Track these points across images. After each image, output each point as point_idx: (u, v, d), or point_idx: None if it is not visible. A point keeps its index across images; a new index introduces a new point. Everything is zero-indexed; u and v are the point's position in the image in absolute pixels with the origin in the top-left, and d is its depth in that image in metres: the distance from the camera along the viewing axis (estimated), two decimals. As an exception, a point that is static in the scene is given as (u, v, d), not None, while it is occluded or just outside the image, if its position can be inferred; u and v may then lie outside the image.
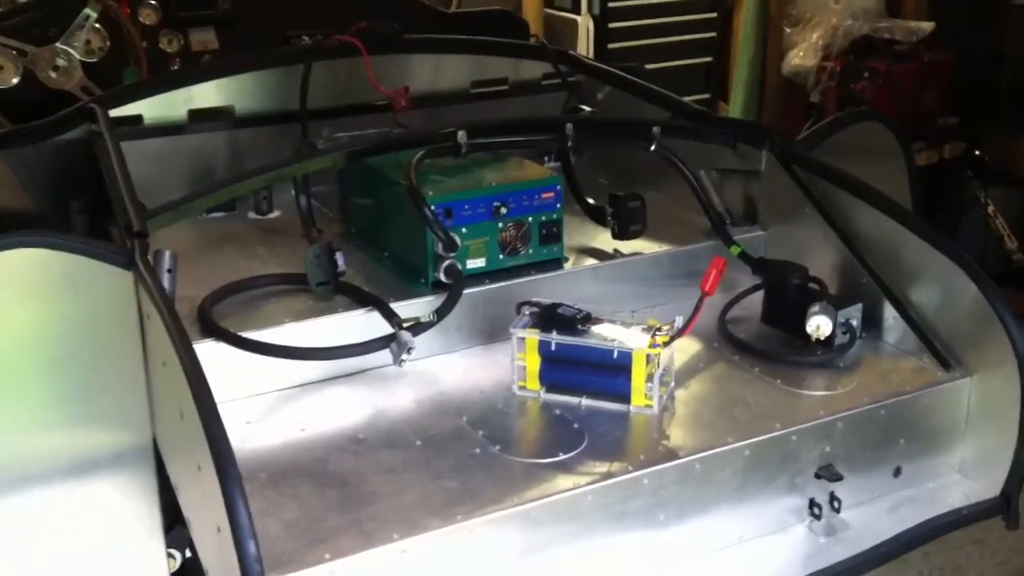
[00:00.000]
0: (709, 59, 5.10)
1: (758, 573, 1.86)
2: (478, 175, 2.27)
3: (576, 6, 4.86)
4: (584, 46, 4.83)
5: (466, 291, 2.10)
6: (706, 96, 5.00)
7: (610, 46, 4.85)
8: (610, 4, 4.83)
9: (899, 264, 2.18)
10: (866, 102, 4.37)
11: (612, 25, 4.86)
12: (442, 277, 2.12)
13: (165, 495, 1.82)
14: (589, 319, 1.98)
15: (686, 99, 2.75)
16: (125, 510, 1.82)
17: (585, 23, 4.85)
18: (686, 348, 2.15)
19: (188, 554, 1.87)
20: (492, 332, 2.15)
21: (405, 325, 1.99)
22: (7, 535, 1.75)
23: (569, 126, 2.31)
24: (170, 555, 1.87)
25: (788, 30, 4.81)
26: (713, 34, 5.09)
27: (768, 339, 2.19)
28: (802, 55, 4.64)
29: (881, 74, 4.45)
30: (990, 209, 4.50)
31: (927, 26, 4.57)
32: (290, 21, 3.39)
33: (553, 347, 1.96)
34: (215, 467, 1.42)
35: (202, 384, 1.49)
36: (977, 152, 4.64)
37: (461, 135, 2.19)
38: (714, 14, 5.08)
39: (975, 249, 4.38)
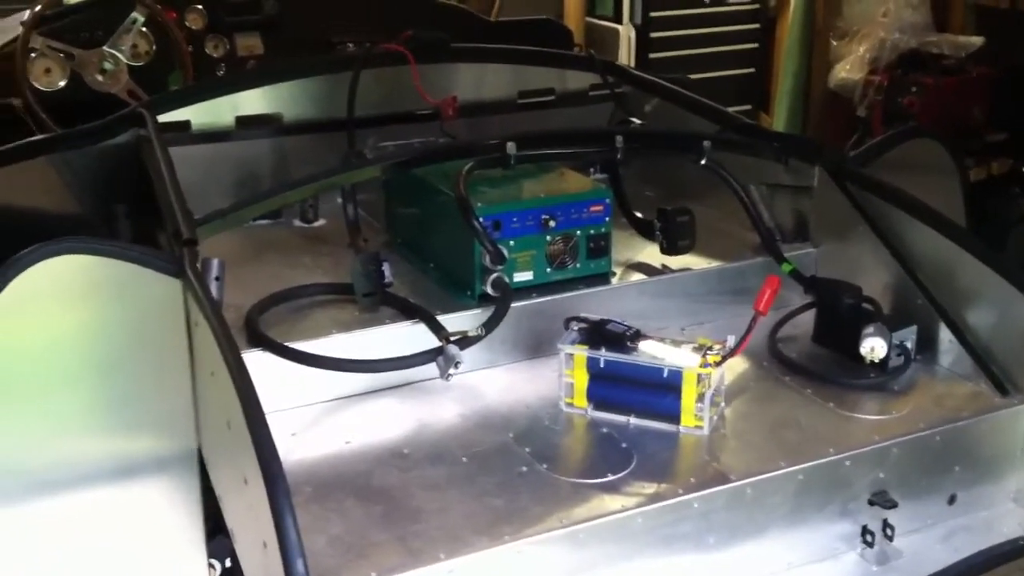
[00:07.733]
0: (751, 70, 5.06)
1: (808, 600, 1.83)
2: (525, 187, 2.24)
3: (618, 15, 4.83)
4: (625, 55, 4.80)
5: (513, 305, 2.08)
6: (747, 107, 4.96)
7: (651, 56, 4.82)
8: (652, 14, 4.80)
9: (955, 285, 2.13)
10: (913, 116, 4.31)
11: (654, 35, 4.83)
12: (489, 290, 2.09)
13: (207, 503, 1.80)
14: (639, 336, 1.94)
15: (727, 110, 2.71)
16: (167, 518, 1.80)
17: (627, 32, 4.82)
18: (735, 367, 2.11)
19: (228, 563, 1.85)
20: (537, 347, 2.12)
21: (452, 339, 1.97)
22: (50, 538, 1.74)
23: (619, 138, 2.27)
24: (210, 565, 1.85)
25: (835, 43, 4.76)
26: (755, 45, 5.06)
27: (820, 360, 2.15)
28: (849, 68, 4.57)
29: (929, 88, 4.39)
30: (1037, 228, 4.42)
31: (976, 41, 4.50)
32: (334, 27, 3.40)
33: (602, 364, 1.92)
34: (264, 482, 1.40)
35: (251, 396, 1.48)
36: (1024, 169, 4.57)
37: (510, 146, 2.16)
38: (756, 25, 5.04)
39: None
